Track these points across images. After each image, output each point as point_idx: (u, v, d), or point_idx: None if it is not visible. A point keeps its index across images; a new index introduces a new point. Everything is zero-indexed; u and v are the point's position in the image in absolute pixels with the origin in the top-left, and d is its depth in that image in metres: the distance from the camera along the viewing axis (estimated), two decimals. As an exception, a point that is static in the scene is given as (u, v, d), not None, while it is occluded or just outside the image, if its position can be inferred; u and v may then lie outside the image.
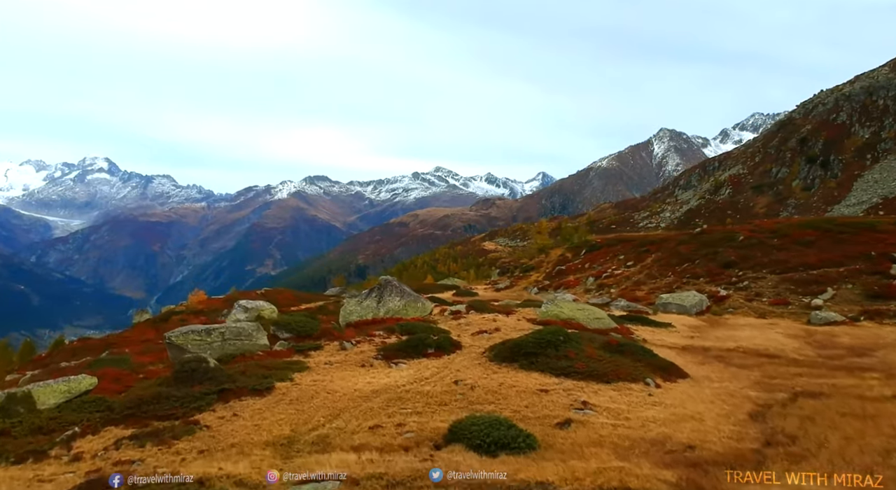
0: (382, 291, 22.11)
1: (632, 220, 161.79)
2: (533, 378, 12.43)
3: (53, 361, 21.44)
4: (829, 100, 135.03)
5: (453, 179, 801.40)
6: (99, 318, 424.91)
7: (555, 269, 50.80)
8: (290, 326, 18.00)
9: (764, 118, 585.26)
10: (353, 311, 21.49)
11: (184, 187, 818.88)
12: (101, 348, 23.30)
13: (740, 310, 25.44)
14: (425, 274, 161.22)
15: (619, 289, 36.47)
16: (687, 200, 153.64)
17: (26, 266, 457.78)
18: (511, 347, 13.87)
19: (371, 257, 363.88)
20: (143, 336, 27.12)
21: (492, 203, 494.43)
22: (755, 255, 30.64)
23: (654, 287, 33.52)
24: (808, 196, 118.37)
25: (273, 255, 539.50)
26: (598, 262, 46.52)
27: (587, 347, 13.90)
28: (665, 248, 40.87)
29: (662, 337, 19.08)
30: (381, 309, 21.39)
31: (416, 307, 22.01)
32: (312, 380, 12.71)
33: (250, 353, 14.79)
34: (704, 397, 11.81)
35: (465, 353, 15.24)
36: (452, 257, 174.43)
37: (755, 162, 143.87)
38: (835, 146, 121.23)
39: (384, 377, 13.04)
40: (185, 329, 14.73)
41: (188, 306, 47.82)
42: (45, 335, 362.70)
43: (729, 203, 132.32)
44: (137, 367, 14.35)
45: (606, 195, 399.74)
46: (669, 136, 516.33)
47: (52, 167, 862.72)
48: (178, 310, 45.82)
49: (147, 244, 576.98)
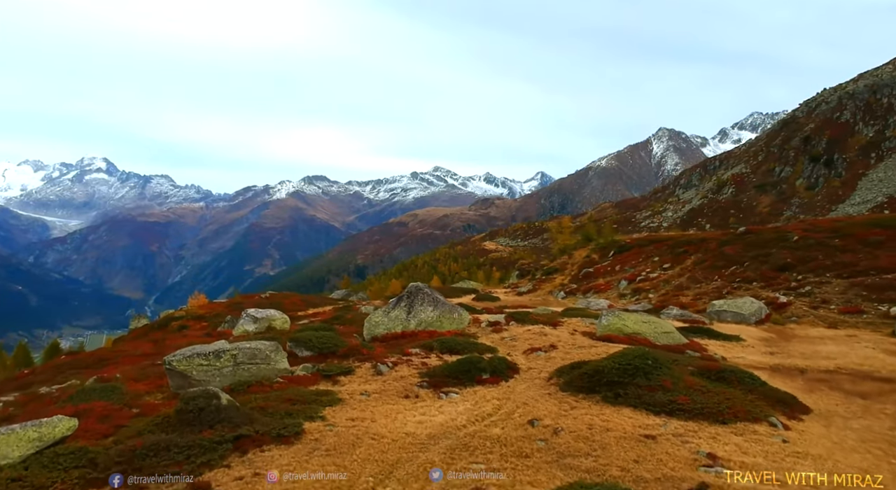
0: (413, 300, 19.42)
1: (633, 220, 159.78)
2: (626, 417, 9.87)
3: (36, 380, 18.71)
4: (832, 98, 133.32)
5: (452, 179, 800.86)
6: (97, 318, 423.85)
7: (581, 271, 47.76)
8: (310, 343, 15.53)
9: (763, 117, 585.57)
10: (380, 323, 18.89)
11: (182, 187, 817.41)
12: (92, 364, 20.59)
13: (805, 319, 22.67)
14: (428, 275, 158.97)
15: (657, 294, 33.72)
16: (689, 200, 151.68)
17: (24, 266, 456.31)
18: (588, 374, 11.25)
19: (370, 257, 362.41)
20: (140, 349, 24.25)
21: (491, 203, 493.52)
22: (815, 257, 27.85)
23: (700, 292, 30.84)
24: (812, 195, 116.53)
25: (272, 255, 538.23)
26: (629, 265, 43.45)
27: (682, 374, 11.37)
28: (706, 249, 38.17)
29: (740, 353, 16.47)
30: (411, 320, 18.83)
31: (451, 318, 19.45)
32: (349, 418, 10.17)
33: (268, 379, 12.16)
34: (852, 444, 9.29)
35: (526, 379, 12.69)
36: (453, 257, 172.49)
37: (758, 161, 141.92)
38: (838, 145, 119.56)
39: (437, 413, 10.51)
40: (189, 351, 12.11)
41: (188, 311, 45.41)
42: (43, 336, 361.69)
43: (732, 202, 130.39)
44: (131, 398, 11.70)
45: (606, 195, 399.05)
46: (668, 136, 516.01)
47: (50, 167, 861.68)
48: (178, 315, 43.34)
49: (145, 244, 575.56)
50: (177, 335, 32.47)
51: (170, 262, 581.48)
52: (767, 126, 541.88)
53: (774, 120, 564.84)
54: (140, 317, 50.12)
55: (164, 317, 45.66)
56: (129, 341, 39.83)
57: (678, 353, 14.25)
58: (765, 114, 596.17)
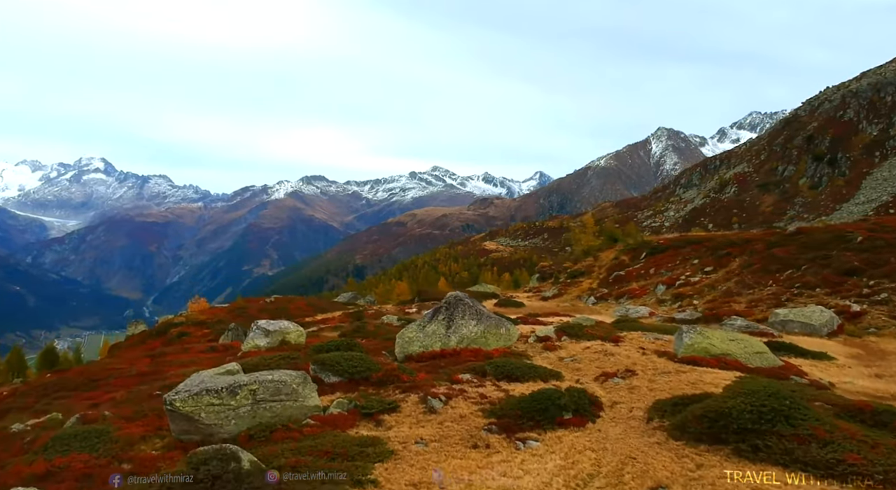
0: (453, 312, 16.58)
1: (635, 220, 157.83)
2: (783, 483, 7.38)
3: (15, 406, 16.13)
4: (835, 97, 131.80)
5: (450, 179, 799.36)
6: (95, 318, 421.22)
7: (611, 274, 45.39)
8: (338, 366, 12.97)
9: (762, 117, 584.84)
10: (414, 339, 16.20)
11: (180, 187, 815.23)
12: (80, 385, 17.88)
13: (886, 330, 20.22)
14: (429, 275, 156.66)
15: (703, 300, 30.84)
16: (691, 199, 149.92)
17: (22, 267, 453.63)
18: (709, 418, 8.71)
19: (369, 257, 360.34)
20: (136, 366, 21.35)
21: (490, 202, 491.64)
22: (887, 260, 25.15)
23: (754, 299, 28.08)
24: (815, 194, 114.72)
25: (270, 255, 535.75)
26: (665, 267, 41.01)
27: (828, 417, 8.88)
28: (752, 251, 35.45)
29: (843, 377, 13.83)
30: (451, 336, 16.14)
31: (497, 334, 16.64)
32: (410, 482, 7.58)
33: (296, 421, 9.54)
34: None
35: (617, 419, 10.17)
36: (453, 257, 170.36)
37: (760, 160, 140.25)
38: (842, 144, 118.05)
39: (520, 472, 7.97)
40: (196, 384, 9.48)
41: (188, 317, 42.95)
42: (41, 336, 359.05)
43: (735, 201, 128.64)
44: (122, 448, 9.11)
45: (605, 194, 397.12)
46: (667, 135, 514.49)
47: (48, 167, 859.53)
48: (177, 321, 40.90)
49: (143, 244, 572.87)
50: (177, 345, 30.02)
51: (168, 263, 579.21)
52: (766, 125, 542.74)
53: (773, 119, 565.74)
54: (137, 322, 47.66)
55: (163, 323, 43.12)
56: (126, 350, 36.98)
57: (783, 380, 11.77)
58: (763, 113, 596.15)
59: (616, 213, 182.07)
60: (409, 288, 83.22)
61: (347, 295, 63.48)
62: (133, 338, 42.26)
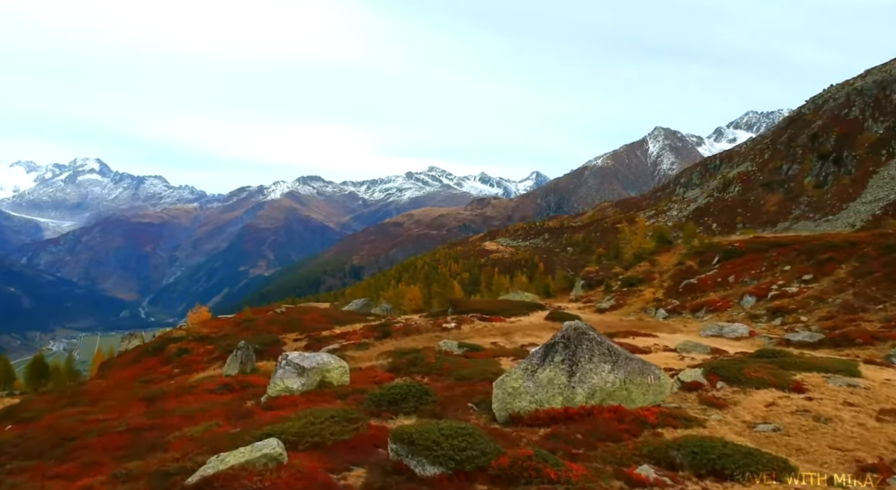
0: (575, 352, 11.52)
1: (637, 220, 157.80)
2: None
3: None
4: (839, 94, 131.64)
5: (447, 179, 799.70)
6: (91, 319, 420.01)
7: (679, 283, 39.40)
8: (435, 449, 8.16)
9: (758, 116, 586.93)
10: (522, 391, 11.39)
11: (176, 188, 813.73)
12: (46, 451, 13.17)
13: None
14: (429, 276, 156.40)
15: (814, 317, 25.68)
16: (694, 198, 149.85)
17: (17, 268, 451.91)
18: None
19: (366, 258, 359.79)
20: (125, 415, 16.51)
21: (487, 202, 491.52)
22: None
23: (891, 317, 23.69)
24: (821, 193, 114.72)
25: (266, 255, 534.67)
26: (747, 275, 35.73)
27: None
28: (862, 255, 30.84)
29: None
30: (577, 388, 11.19)
31: (643, 384, 11.64)
32: None
33: None
34: None
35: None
36: (453, 258, 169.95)
37: (764, 159, 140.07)
38: (847, 142, 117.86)
39: None
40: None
41: (188, 329, 40.01)
42: (36, 338, 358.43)
43: (739, 201, 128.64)
44: None
45: (602, 194, 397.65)
46: (664, 135, 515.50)
47: (43, 168, 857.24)
48: (177, 335, 37.60)
49: (139, 245, 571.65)
50: (178, 374, 27.34)
51: (164, 264, 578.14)
52: (763, 125, 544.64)
53: (770, 119, 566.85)
54: (132, 336, 45.11)
55: (161, 337, 39.78)
56: (119, 368, 33.86)
57: None
58: (760, 112, 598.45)
59: (616, 212, 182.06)
60: (422, 293, 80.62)
61: (359, 302, 59.59)
62: (127, 355, 38.74)
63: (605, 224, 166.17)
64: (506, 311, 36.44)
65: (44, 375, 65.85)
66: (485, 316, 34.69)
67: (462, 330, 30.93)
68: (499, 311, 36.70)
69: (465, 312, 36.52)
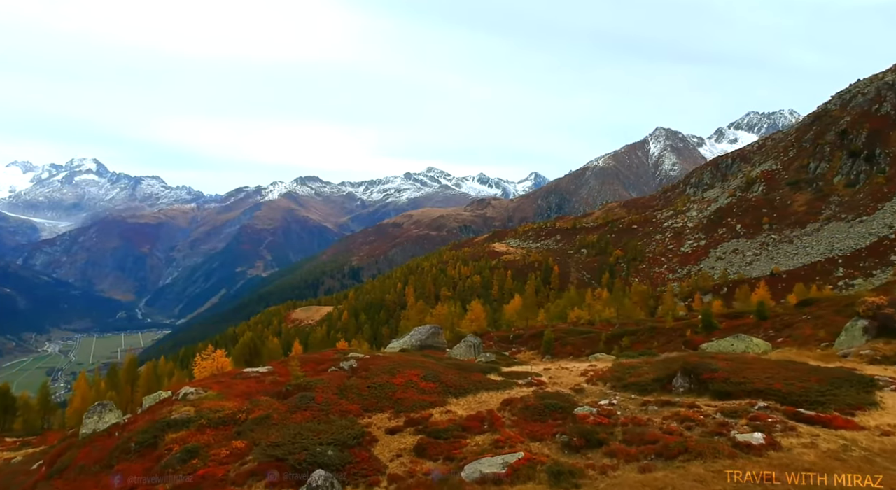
0: None
1: (654, 220, 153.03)
2: None
3: None
4: (869, 89, 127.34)
5: (446, 180, 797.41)
6: (87, 320, 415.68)
7: None
8: None
9: (759, 117, 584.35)
10: None
11: (173, 188, 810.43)
12: None
13: None
14: (445, 281, 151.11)
15: None
16: (714, 198, 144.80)
17: (12, 269, 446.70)
18: None
19: (365, 258, 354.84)
20: None
21: (487, 203, 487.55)
22: None
23: None
24: (853, 193, 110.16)
25: (264, 256, 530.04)
26: None
27: None
28: None
29: None
30: None
31: None
32: None
33: None
34: None
35: None
36: (461, 260, 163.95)
37: (789, 157, 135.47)
38: (879, 138, 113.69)
39: None
40: None
41: (198, 406, 19.21)
42: (31, 339, 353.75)
43: (764, 201, 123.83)
44: None
45: (603, 195, 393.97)
46: (665, 136, 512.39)
47: (40, 168, 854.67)
48: (178, 416, 18.46)
49: (136, 246, 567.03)
50: None
51: (161, 264, 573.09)
52: (764, 125, 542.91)
53: (771, 119, 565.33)
54: (103, 408, 24.30)
55: (154, 416, 18.96)
56: (76, 480, 17.51)
57: None
58: (761, 113, 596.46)
59: (627, 213, 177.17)
60: (484, 311, 70.98)
61: (424, 329, 44.58)
62: (89, 447, 20.73)
63: (621, 224, 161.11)
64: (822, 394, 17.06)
65: (9, 411, 58.68)
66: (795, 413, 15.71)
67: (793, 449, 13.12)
68: (802, 393, 16.93)
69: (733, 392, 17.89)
